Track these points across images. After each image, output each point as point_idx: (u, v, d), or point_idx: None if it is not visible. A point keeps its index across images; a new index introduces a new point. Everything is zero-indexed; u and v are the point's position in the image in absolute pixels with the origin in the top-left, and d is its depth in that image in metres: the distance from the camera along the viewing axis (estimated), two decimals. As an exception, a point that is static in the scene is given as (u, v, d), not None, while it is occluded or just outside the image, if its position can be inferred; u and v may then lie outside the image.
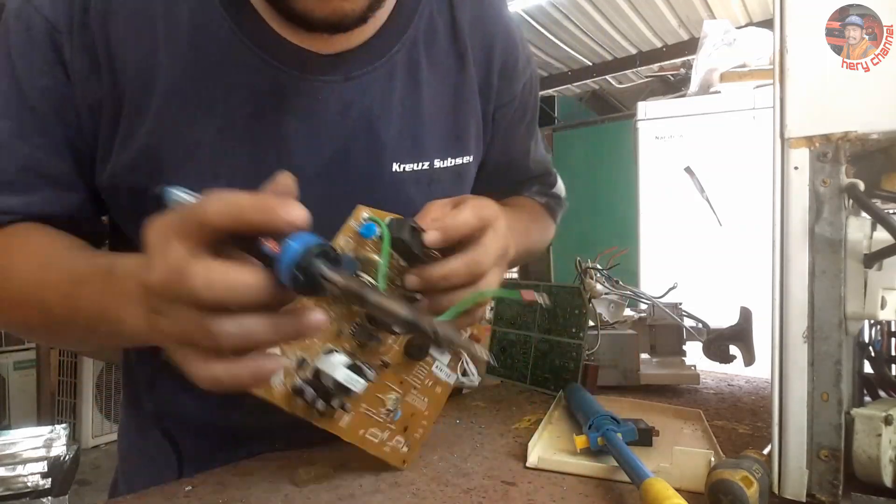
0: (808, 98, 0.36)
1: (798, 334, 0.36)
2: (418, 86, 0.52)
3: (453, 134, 0.55)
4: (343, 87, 0.48)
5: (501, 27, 0.58)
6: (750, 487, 0.35)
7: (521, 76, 0.61)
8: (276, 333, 0.29)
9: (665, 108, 2.11)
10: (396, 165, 0.51)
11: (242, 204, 0.28)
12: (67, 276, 0.40)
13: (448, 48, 0.54)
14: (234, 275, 0.28)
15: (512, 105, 0.61)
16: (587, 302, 0.66)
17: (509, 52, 0.59)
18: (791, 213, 0.36)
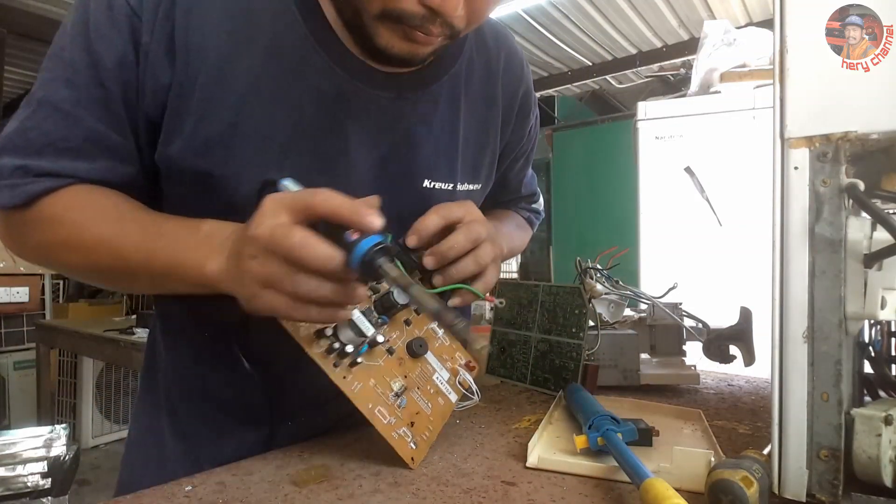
0: (808, 98, 0.36)
1: (798, 334, 0.36)
2: (456, 116, 0.59)
3: (473, 163, 0.62)
4: (394, 103, 0.55)
5: (526, 74, 0.69)
6: (750, 487, 0.35)
7: (532, 117, 0.71)
8: (335, 296, 0.40)
9: (665, 108, 2.11)
10: (427, 182, 0.58)
11: (343, 202, 0.39)
12: (142, 228, 0.47)
13: (481, 88, 0.62)
14: (323, 247, 0.38)
15: (521, 141, 0.71)
16: (587, 302, 0.66)
17: (527, 96, 0.69)
18: (791, 213, 0.36)
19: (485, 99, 0.62)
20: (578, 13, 3.39)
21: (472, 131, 0.61)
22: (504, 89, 0.64)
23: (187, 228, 0.46)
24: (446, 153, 0.59)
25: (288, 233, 0.38)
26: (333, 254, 0.38)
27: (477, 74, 0.61)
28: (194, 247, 0.45)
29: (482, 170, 0.63)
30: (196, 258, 0.44)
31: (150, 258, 0.46)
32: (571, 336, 0.65)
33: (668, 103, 2.19)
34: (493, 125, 0.63)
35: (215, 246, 0.44)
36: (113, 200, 0.50)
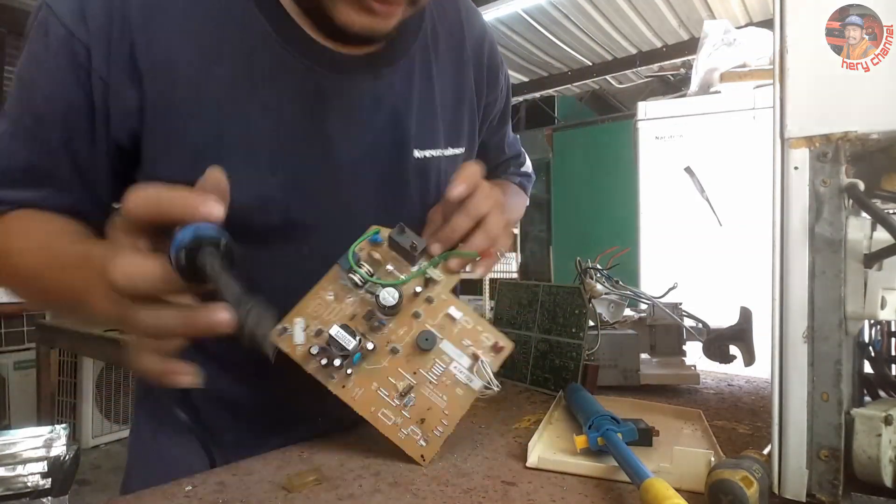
0: (808, 98, 0.36)
1: (798, 334, 0.36)
2: (431, 82, 0.59)
3: (454, 127, 0.62)
4: (374, 84, 0.54)
5: (487, 32, 0.68)
6: (750, 487, 0.35)
7: (501, 78, 0.70)
8: (186, 325, 0.33)
9: (665, 108, 2.11)
10: (418, 152, 0.58)
11: (161, 196, 0.32)
12: (50, 260, 0.45)
13: (448, 50, 0.62)
14: (142, 264, 0.32)
15: (496, 103, 0.71)
16: (587, 302, 0.66)
17: (493, 53, 0.68)
18: (791, 213, 0.36)
19: (453, 63, 0.62)
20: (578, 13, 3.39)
21: (447, 96, 0.61)
22: (471, 50, 0.64)
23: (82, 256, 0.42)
24: (429, 122, 0.59)
25: (109, 262, 0.32)
26: (154, 265, 0.32)
27: (442, 39, 0.61)
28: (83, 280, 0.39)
29: (463, 132, 0.63)
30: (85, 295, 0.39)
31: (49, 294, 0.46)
32: (571, 336, 0.65)
33: (668, 103, 2.19)
34: (466, 86, 0.64)
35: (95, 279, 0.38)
36: (43, 227, 0.49)
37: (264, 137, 0.50)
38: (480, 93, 0.66)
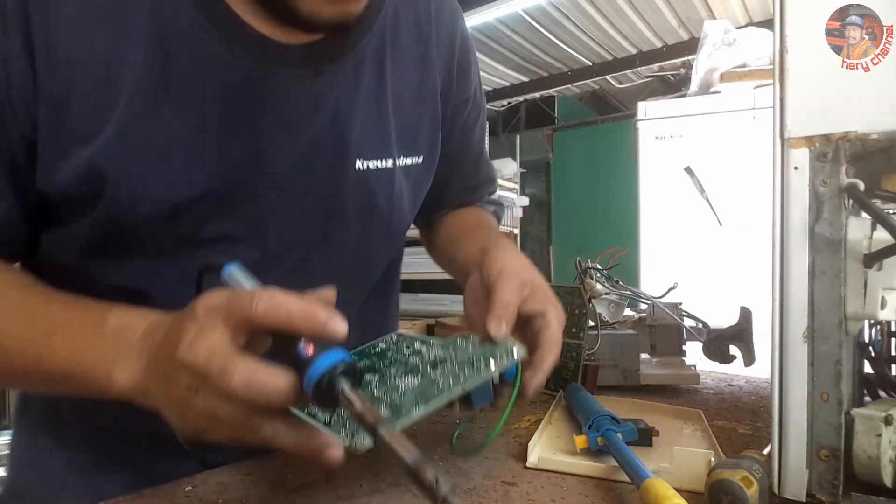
0: (808, 98, 0.36)
1: (798, 334, 0.36)
2: (384, 79, 0.51)
3: (412, 133, 0.54)
4: (313, 82, 0.46)
5: (460, 26, 0.60)
6: (750, 487, 0.35)
7: (474, 77, 0.63)
8: (297, 449, 0.32)
9: (665, 108, 2.11)
10: (360, 162, 0.50)
11: (291, 310, 0.31)
12: (30, 322, 0.38)
13: (412, 44, 0.54)
14: (269, 379, 0.30)
15: (467, 105, 0.63)
16: (587, 302, 0.66)
17: (465, 53, 0.61)
18: (791, 213, 0.36)
19: (416, 59, 0.54)
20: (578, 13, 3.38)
21: (404, 97, 0.53)
22: (438, 46, 0.56)
23: (89, 322, 0.37)
24: (377, 126, 0.51)
25: (227, 367, 0.30)
26: (283, 381, 0.30)
27: (404, 31, 0.53)
28: (98, 349, 0.36)
29: (422, 140, 0.55)
30: (101, 366, 0.35)
31: (40, 363, 0.37)
32: (571, 336, 0.65)
33: (668, 103, 2.19)
34: (428, 87, 0.55)
35: (127, 348, 0.35)
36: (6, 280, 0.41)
37: (179, 138, 0.42)
38: (448, 92, 0.58)
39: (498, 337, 0.41)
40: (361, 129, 0.50)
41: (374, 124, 0.51)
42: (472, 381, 0.35)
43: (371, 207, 0.52)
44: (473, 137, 0.66)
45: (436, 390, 0.34)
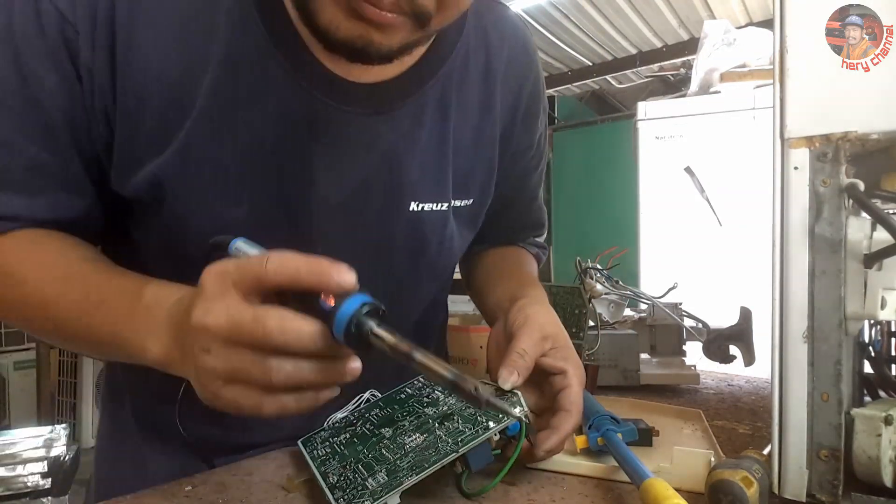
0: (808, 98, 0.36)
1: (798, 334, 0.36)
2: (447, 123, 0.51)
3: (464, 176, 0.54)
4: (373, 120, 0.47)
5: (533, 74, 0.59)
6: (750, 487, 0.35)
7: (540, 126, 0.62)
8: (322, 377, 0.32)
9: (665, 108, 2.11)
10: (415, 204, 0.50)
11: (299, 265, 0.32)
12: (84, 293, 0.41)
13: (478, 89, 0.53)
14: (302, 324, 0.31)
15: (530, 151, 0.62)
16: (587, 302, 0.66)
17: (534, 100, 0.59)
18: (791, 213, 0.36)
19: (480, 103, 0.54)
20: (578, 13, 3.38)
21: (464, 141, 0.53)
22: (505, 91, 0.55)
23: (128, 295, 0.40)
24: (435, 170, 0.51)
25: (258, 316, 0.31)
26: (315, 327, 0.31)
27: (472, 74, 0.53)
28: (135, 322, 0.38)
29: (475, 182, 0.55)
30: (137, 338, 0.38)
31: (91, 331, 0.41)
32: (571, 336, 0.65)
33: (668, 103, 2.19)
34: (488, 132, 0.55)
35: (157, 322, 0.37)
36: (58, 251, 0.44)
37: (233, 159, 0.44)
38: (510, 136, 0.57)
39: (505, 387, 0.42)
40: (419, 172, 0.50)
41: (432, 167, 0.51)
42: (468, 445, 0.37)
43: (421, 248, 0.53)
44: (531, 182, 0.65)
45: (433, 453, 0.36)
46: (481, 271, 0.66)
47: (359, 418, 0.46)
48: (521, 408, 0.39)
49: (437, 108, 0.50)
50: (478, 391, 0.30)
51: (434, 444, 0.38)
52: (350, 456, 0.41)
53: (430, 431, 0.39)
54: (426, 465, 0.36)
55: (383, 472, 0.37)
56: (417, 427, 0.40)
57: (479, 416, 0.39)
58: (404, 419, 0.42)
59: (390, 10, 0.38)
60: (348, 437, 0.44)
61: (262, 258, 0.32)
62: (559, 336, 0.48)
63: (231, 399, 0.32)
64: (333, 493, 0.36)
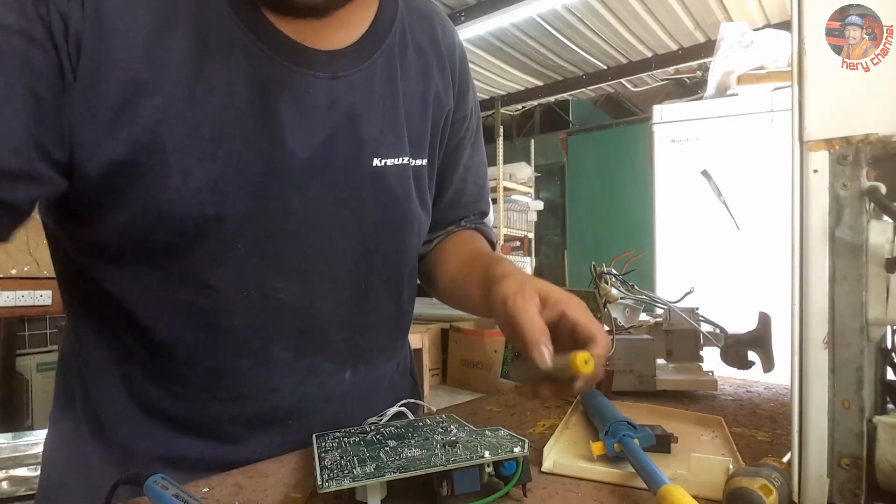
0: (827, 100, 0.36)
1: (818, 340, 0.35)
2: (396, 88, 0.56)
3: (418, 135, 0.59)
4: (331, 83, 0.51)
5: (459, 46, 0.66)
6: (769, 496, 0.34)
7: (470, 96, 0.68)
8: None
9: (681, 111, 2.09)
10: (378, 160, 0.55)
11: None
12: None
13: (416, 61, 0.60)
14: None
15: (464, 123, 0.67)
16: (602, 306, 0.66)
17: (464, 72, 0.66)
18: (811, 216, 0.36)
19: (420, 73, 0.60)
20: (593, 17, 3.38)
21: (413, 103, 0.58)
22: (440, 66, 0.62)
23: None
24: (392, 127, 0.56)
25: None
26: None
27: (410, 51, 0.59)
28: None
29: (426, 143, 0.60)
30: None
31: None
32: (586, 341, 0.65)
33: (684, 106, 2.17)
34: (431, 100, 0.61)
35: None
36: None
37: (207, 119, 0.46)
38: (445, 103, 0.63)
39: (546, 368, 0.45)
40: (378, 130, 0.55)
41: (389, 125, 0.56)
42: (456, 463, 0.38)
43: (387, 199, 0.56)
44: (464, 154, 0.69)
45: (423, 464, 0.38)
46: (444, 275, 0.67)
47: (374, 430, 0.48)
48: (520, 448, 0.40)
49: (386, 75, 0.56)
50: None
51: (428, 458, 0.40)
52: (351, 451, 0.43)
53: (430, 449, 0.41)
54: (412, 468, 0.38)
55: (372, 466, 0.39)
56: (420, 445, 0.43)
57: (479, 447, 0.41)
58: (412, 437, 0.45)
59: None
60: (357, 440, 0.46)
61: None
62: (543, 288, 0.49)
63: None
64: (322, 472, 0.39)
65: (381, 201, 0.56)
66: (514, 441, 0.42)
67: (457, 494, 0.39)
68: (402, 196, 0.57)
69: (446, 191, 0.68)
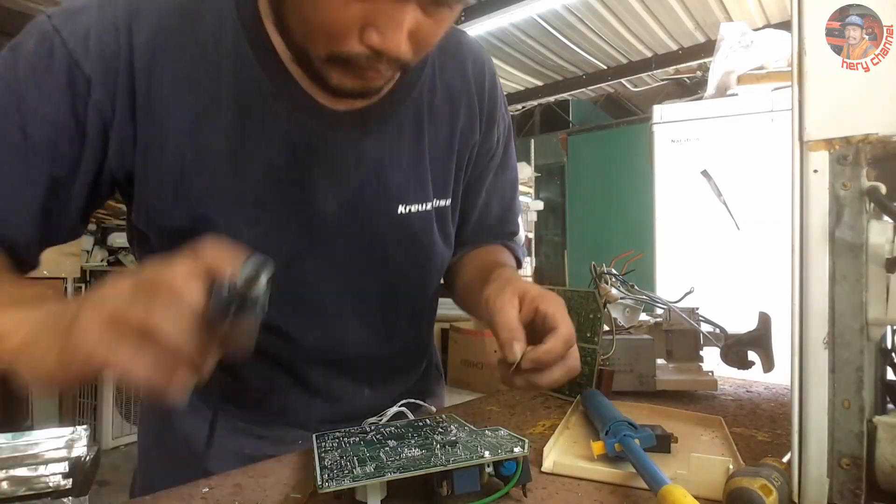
0: (827, 100, 0.36)
1: (818, 340, 0.35)
2: (422, 137, 0.59)
3: (443, 178, 0.62)
4: (360, 139, 0.55)
5: (489, 80, 0.65)
6: (769, 496, 0.34)
7: (500, 122, 0.68)
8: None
9: (681, 111, 2.09)
10: (402, 208, 0.58)
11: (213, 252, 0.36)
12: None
13: (444, 105, 0.61)
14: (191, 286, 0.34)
15: (488, 155, 0.67)
16: (602, 306, 0.66)
17: (493, 107, 0.66)
18: (811, 216, 0.36)
19: (447, 117, 0.61)
20: (593, 17, 3.38)
21: (438, 148, 0.60)
22: (467, 96, 0.63)
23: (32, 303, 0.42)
24: (417, 175, 0.59)
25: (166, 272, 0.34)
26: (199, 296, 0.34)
27: (439, 95, 0.60)
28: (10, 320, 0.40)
29: (450, 184, 0.62)
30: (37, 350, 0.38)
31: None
32: (586, 341, 0.65)
33: (684, 106, 2.17)
34: (456, 137, 0.62)
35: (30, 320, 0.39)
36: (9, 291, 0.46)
37: (251, 185, 0.51)
38: (471, 141, 0.64)
39: (514, 359, 0.47)
40: (404, 178, 0.58)
41: (414, 174, 0.58)
42: (455, 463, 0.39)
43: (412, 246, 0.60)
44: (486, 182, 0.69)
45: (423, 463, 0.39)
46: (459, 282, 0.70)
47: (374, 430, 0.48)
48: (520, 448, 0.40)
49: (413, 124, 0.58)
50: None
51: (428, 458, 0.40)
52: (351, 452, 0.43)
53: (430, 449, 0.42)
54: (413, 468, 0.38)
55: (372, 466, 0.39)
56: (420, 445, 0.43)
57: (479, 447, 0.41)
58: (412, 437, 0.45)
59: (385, 72, 0.46)
60: (356, 440, 0.46)
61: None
62: (522, 288, 0.51)
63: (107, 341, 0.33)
64: (322, 472, 0.39)
65: (405, 245, 0.59)
66: (513, 441, 0.42)
67: (457, 494, 0.39)
68: (425, 239, 0.61)
69: (470, 216, 0.69)
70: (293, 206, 0.53)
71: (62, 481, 1.51)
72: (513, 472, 0.40)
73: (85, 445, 1.62)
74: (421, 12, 0.43)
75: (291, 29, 0.46)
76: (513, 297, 0.49)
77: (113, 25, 0.47)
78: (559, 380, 0.49)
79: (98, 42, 0.46)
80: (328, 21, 0.42)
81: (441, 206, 0.62)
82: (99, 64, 0.46)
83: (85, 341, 0.33)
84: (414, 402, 0.59)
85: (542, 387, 0.49)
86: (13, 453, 1.56)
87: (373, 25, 0.42)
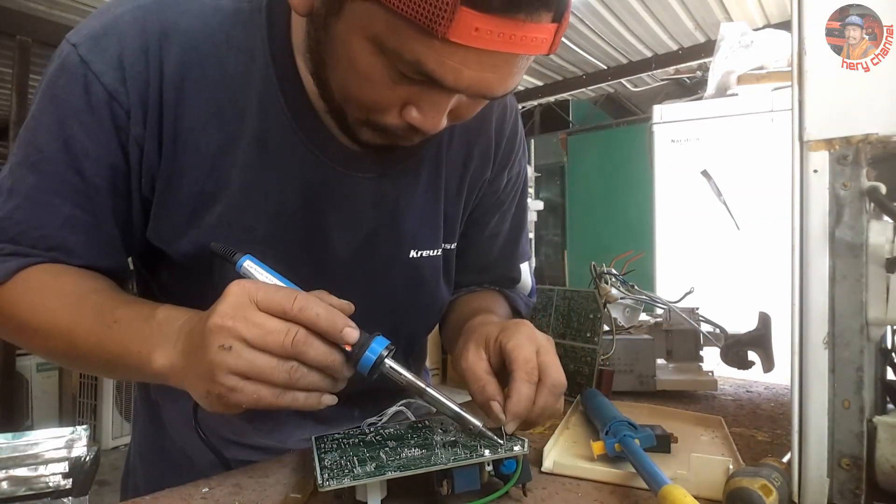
0: (827, 100, 0.36)
1: (818, 340, 0.35)
2: (439, 178, 0.58)
3: (452, 221, 0.61)
4: (378, 182, 0.54)
5: (508, 126, 0.63)
6: (769, 496, 0.34)
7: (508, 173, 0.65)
8: (327, 385, 0.41)
9: (681, 111, 2.09)
10: (414, 252, 0.57)
11: (319, 312, 0.39)
12: (98, 314, 0.45)
13: (460, 145, 0.59)
14: (330, 352, 0.39)
15: (494, 196, 0.65)
16: (602, 307, 0.66)
17: (509, 149, 0.63)
18: (811, 216, 0.36)
19: (464, 152, 0.59)
20: (593, 16, 3.37)
21: (451, 190, 0.59)
22: (485, 136, 0.61)
23: (141, 316, 0.44)
24: (430, 219, 0.58)
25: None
26: (340, 359, 0.40)
27: (457, 133, 0.59)
28: (145, 337, 0.43)
29: (458, 226, 0.61)
30: (144, 350, 0.42)
31: (101, 346, 0.44)
32: (586, 341, 0.65)
33: (684, 106, 2.17)
34: (468, 177, 0.61)
35: (164, 336, 0.42)
36: (74, 281, 0.48)
37: (261, 222, 0.51)
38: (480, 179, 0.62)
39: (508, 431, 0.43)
40: (418, 221, 0.57)
41: (428, 216, 0.58)
42: (456, 462, 0.39)
43: (419, 290, 0.59)
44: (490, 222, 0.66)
45: (423, 463, 0.39)
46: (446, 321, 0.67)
47: (373, 431, 0.48)
48: (520, 447, 0.40)
49: (432, 165, 0.57)
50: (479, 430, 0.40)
51: (428, 457, 0.40)
52: (350, 452, 0.43)
53: (430, 449, 0.42)
54: (413, 467, 0.38)
55: (372, 465, 0.39)
56: (420, 445, 0.43)
57: (479, 446, 0.41)
58: (412, 438, 0.45)
59: (417, 141, 0.46)
60: (356, 441, 0.46)
61: (290, 294, 0.39)
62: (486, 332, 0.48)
63: (248, 393, 0.38)
64: (322, 472, 0.39)
65: (411, 287, 0.58)
66: (513, 440, 0.42)
67: (457, 493, 0.39)
68: (432, 283, 0.60)
69: (468, 255, 0.65)
70: (304, 247, 0.52)
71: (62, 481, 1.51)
72: (513, 470, 0.40)
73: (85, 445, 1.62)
74: (465, 96, 0.43)
75: (331, 89, 0.46)
76: (478, 349, 0.47)
77: (142, 50, 0.46)
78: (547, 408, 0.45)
79: (130, 69, 0.46)
80: (372, 98, 0.43)
81: (448, 249, 0.60)
82: (135, 94, 0.46)
83: (222, 388, 0.38)
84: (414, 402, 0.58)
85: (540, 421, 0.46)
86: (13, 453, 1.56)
87: (415, 105, 0.42)
